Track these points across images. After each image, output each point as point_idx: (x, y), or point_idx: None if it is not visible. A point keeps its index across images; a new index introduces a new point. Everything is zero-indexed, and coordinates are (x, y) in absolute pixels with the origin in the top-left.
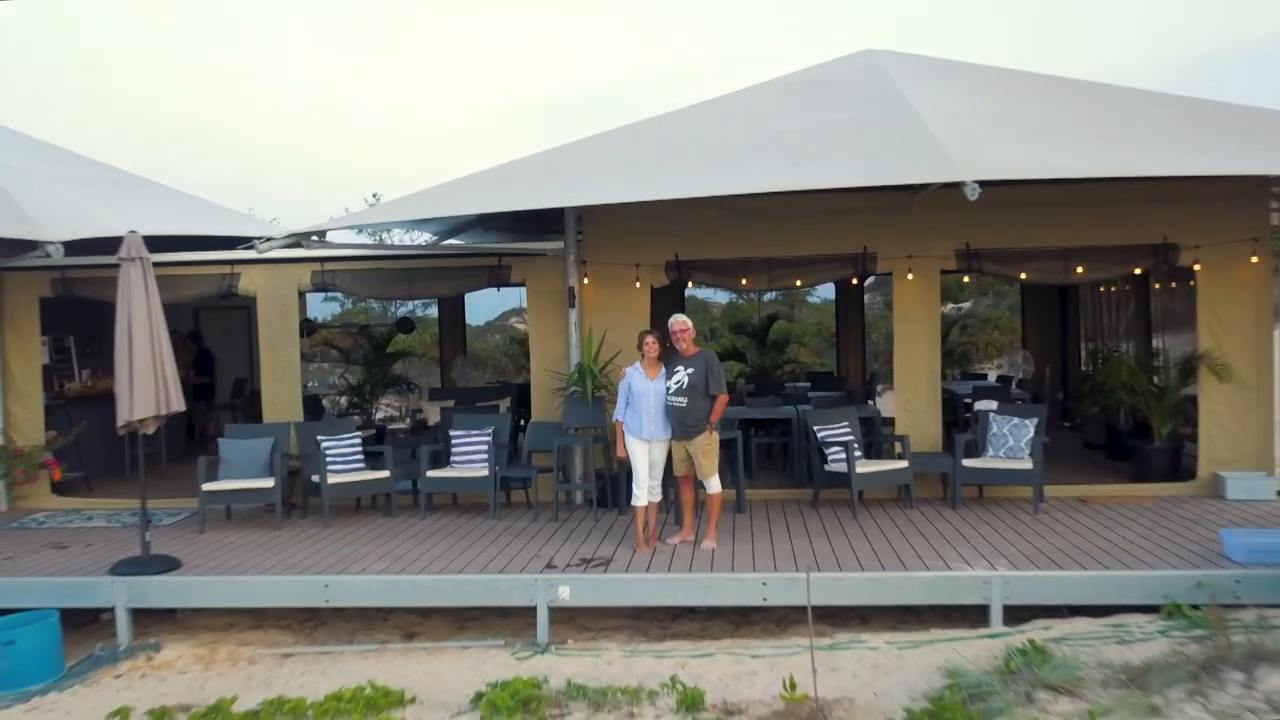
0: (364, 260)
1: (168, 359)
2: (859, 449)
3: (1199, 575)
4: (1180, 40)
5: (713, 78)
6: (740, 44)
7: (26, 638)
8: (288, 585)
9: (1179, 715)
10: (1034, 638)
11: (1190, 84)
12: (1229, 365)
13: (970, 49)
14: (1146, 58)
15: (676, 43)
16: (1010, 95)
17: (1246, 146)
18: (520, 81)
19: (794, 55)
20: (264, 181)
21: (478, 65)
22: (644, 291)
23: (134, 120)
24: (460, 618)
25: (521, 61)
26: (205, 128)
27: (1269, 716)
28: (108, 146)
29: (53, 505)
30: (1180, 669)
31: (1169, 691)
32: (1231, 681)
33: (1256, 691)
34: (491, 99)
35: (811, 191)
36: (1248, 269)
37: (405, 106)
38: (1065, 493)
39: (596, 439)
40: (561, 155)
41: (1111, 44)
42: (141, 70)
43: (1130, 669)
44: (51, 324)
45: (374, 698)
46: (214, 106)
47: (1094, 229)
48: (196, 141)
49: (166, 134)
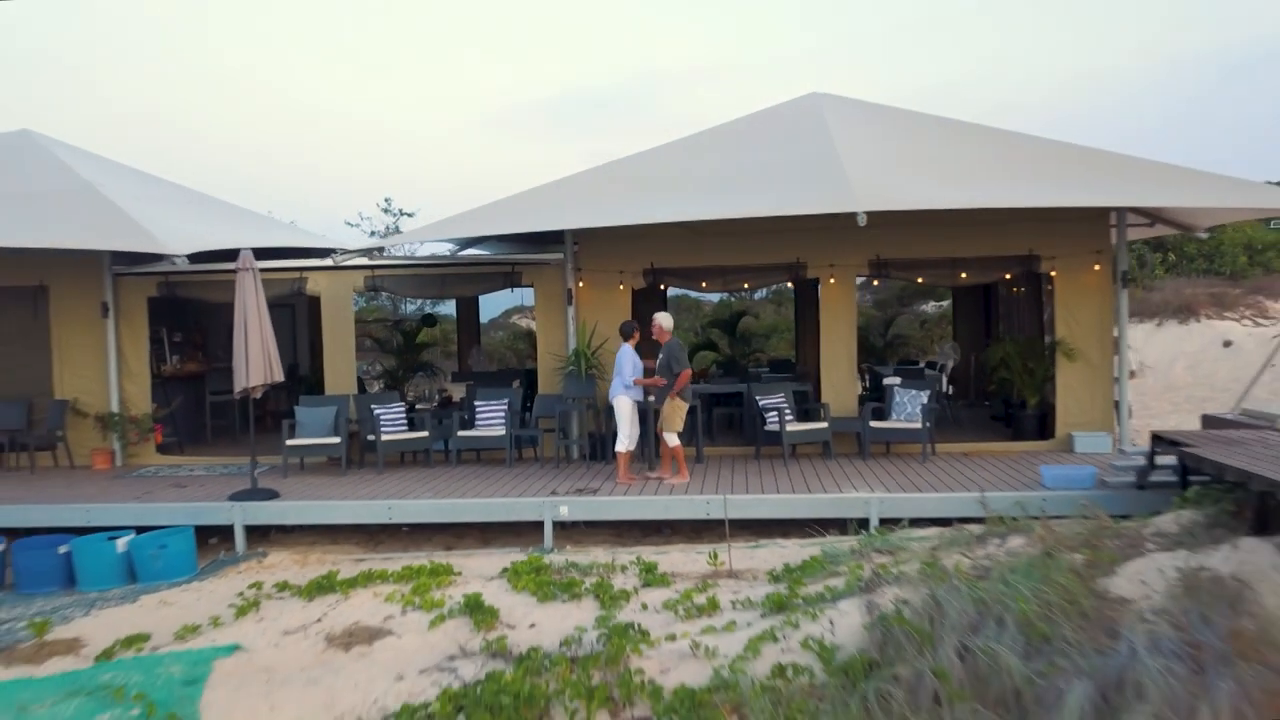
0: (406, 268)
1: (271, 343)
2: (791, 414)
3: (1017, 496)
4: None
5: (712, 77)
6: (740, 43)
7: (174, 544)
8: (361, 507)
9: (952, 558)
10: (883, 532)
11: (1168, 84)
12: (1078, 349)
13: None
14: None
15: (676, 42)
16: (917, 137)
17: (1088, 181)
18: (519, 79)
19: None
20: (265, 180)
21: (477, 63)
22: (626, 292)
23: (131, 118)
24: (486, 536)
25: (521, 59)
26: (204, 127)
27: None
28: (107, 145)
29: (157, 461)
30: (962, 538)
31: (949, 549)
32: (992, 544)
33: (1001, 549)
34: (491, 96)
35: None
36: (1092, 275)
37: (406, 103)
38: (955, 449)
39: (589, 406)
40: (560, 188)
41: (1103, 43)
42: (139, 69)
43: (939, 546)
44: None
45: (435, 569)
46: (212, 105)
47: (975, 243)
48: (198, 140)
49: (166, 132)
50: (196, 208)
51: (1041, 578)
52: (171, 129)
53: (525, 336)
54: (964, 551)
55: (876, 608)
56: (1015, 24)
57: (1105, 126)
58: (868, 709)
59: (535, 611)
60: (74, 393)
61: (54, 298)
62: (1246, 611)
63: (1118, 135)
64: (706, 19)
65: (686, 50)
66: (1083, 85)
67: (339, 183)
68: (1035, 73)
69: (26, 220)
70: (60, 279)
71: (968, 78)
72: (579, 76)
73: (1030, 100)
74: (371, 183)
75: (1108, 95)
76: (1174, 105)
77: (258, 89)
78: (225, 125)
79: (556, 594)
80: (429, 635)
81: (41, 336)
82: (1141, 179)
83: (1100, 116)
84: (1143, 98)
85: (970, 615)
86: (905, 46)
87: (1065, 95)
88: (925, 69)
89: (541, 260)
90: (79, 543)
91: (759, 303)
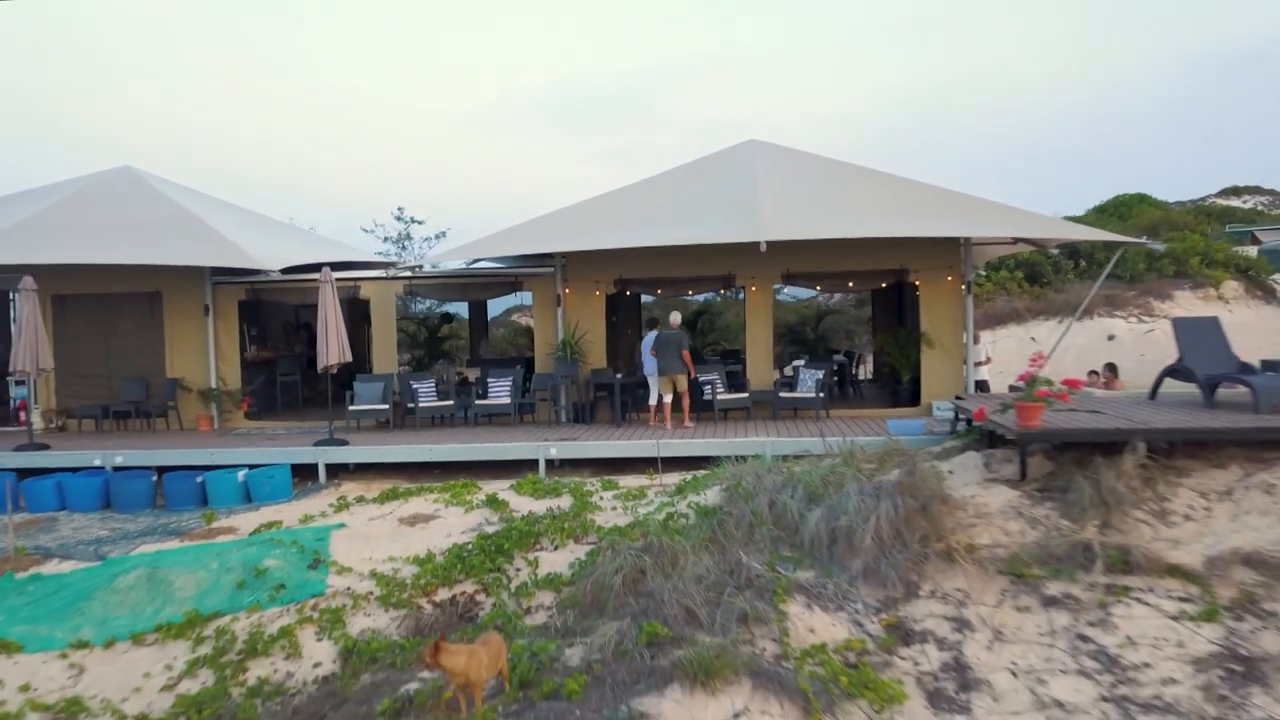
0: (437, 277)
1: (343, 334)
2: (722, 388)
3: (867, 440)
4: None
5: (712, 74)
6: (740, 40)
7: (278, 475)
8: (408, 450)
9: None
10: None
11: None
12: (937, 340)
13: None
14: None
15: (675, 41)
16: (823, 179)
17: (941, 216)
18: (519, 71)
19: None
20: (266, 178)
21: (476, 57)
22: (601, 297)
23: (133, 114)
24: (496, 473)
25: (519, 52)
26: (205, 126)
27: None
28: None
29: (246, 425)
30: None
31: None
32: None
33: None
34: (490, 89)
35: None
36: (947, 284)
37: (406, 96)
38: (847, 414)
39: (572, 382)
40: (552, 219)
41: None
42: (140, 64)
43: (787, 461)
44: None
45: (464, 485)
46: (213, 102)
47: (861, 260)
48: (197, 139)
49: (170, 130)
50: (269, 229)
51: (828, 470)
52: (172, 125)
53: (524, 331)
54: (797, 463)
55: (731, 487)
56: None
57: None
58: (713, 529)
59: (533, 503)
60: (181, 373)
61: (166, 301)
62: (918, 475)
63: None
64: (708, 17)
65: (686, 49)
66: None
67: (350, 185)
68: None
69: (145, 242)
70: (171, 286)
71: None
72: (578, 67)
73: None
74: (372, 175)
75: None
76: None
77: (255, 87)
78: (223, 123)
79: (546, 495)
80: (465, 517)
81: (157, 330)
82: (975, 215)
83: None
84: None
85: (778, 485)
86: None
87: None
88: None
89: (537, 272)
90: (211, 475)
91: (736, 303)
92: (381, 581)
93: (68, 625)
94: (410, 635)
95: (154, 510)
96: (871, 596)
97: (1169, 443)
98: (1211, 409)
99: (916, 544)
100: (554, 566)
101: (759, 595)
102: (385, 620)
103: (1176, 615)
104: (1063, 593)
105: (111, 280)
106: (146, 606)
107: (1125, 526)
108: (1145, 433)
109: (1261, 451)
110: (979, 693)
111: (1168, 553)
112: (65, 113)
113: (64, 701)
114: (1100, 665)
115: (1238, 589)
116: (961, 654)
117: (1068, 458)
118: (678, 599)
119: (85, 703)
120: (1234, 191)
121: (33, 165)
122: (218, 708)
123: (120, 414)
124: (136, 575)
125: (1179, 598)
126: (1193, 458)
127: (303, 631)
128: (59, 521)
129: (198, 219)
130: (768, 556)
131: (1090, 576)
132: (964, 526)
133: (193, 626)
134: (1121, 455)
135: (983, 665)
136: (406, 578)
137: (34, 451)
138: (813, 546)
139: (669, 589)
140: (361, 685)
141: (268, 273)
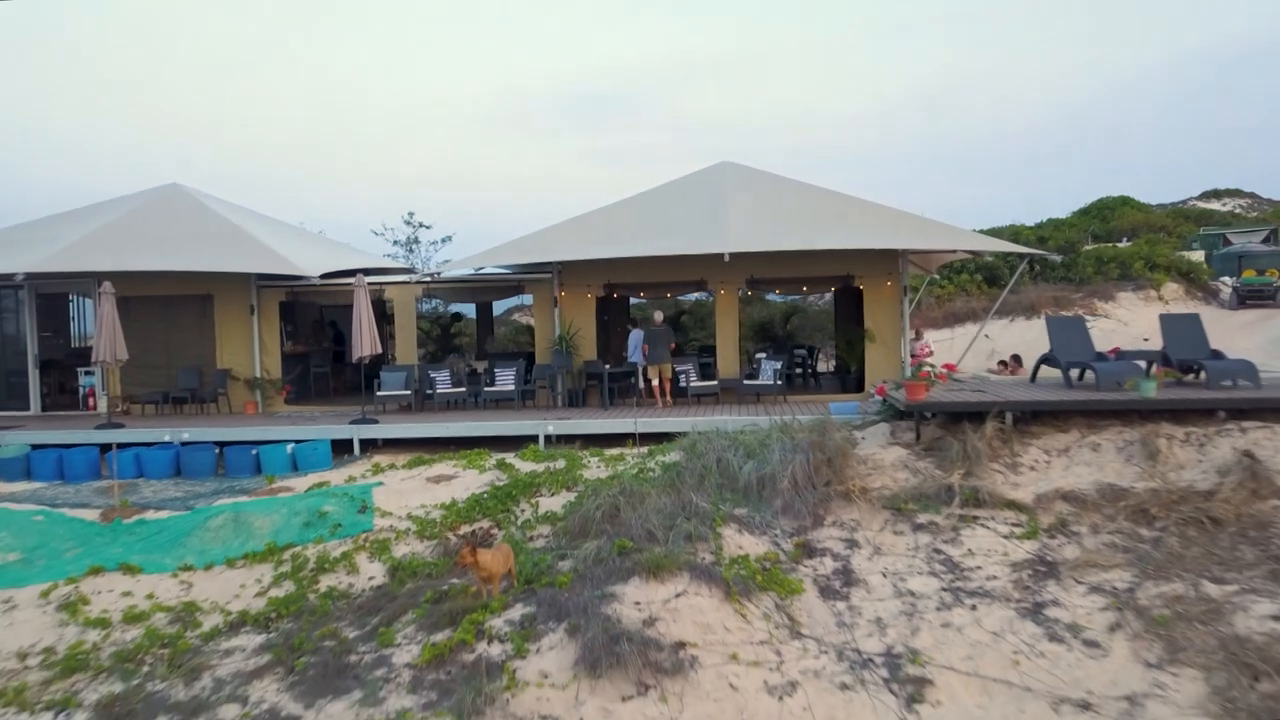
0: (451, 282)
1: (374, 330)
2: (695, 376)
3: (803, 418)
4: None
5: (712, 71)
6: (739, 38)
7: (320, 448)
8: (430, 427)
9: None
10: None
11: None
12: (879, 335)
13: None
14: None
15: (673, 40)
16: (784, 197)
17: (881, 230)
18: (520, 72)
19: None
20: (268, 176)
21: (477, 57)
22: (592, 300)
23: (134, 115)
24: (505, 446)
25: (520, 53)
26: (205, 127)
27: None
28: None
29: (286, 410)
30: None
31: (742, 433)
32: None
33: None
34: (493, 89)
35: None
36: (887, 289)
37: (409, 96)
38: (802, 399)
39: (568, 372)
40: (549, 233)
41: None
42: (138, 61)
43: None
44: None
45: (477, 454)
46: (212, 103)
47: (815, 267)
48: (197, 139)
49: (170, 130)
50: (304, 239)
51: (764, 436)
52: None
53: (524, 329)
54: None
55: (688, 448)
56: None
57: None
58: (673, 479)
59: (534, 466)
60: (230, 364)
61: (217, 303)
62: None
63: None
64: (705, 17)
65: (684, 47)
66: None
67: (350, 186)
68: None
69: (198, 252)
70: (221, 290)
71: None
72: (578, 67)
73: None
74: (374, 175)
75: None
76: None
77: (256, 87)
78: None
79: (544, 460)
80: (480, 476)
81: (208, 328)
82: (909, 230)
83: None
84: None
85: (724, 447)
86: (911, 33)
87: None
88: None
89: (537, 278)
90: (263, 448)
91: None
92: (416, 521)
93: (173, 555)
94: (441, 557)
95: (216, 477)
96: (788, 525)
97: (1030, 413)
98: (1069, 389)
99: (823, 487)
100: (551, 507)
101: (703, 522)
102: (421, 547)
103: (1007, 535)
104: (928, 520)
105: (169, 284)
106: (233, 540)
107: (983, 475)
108: (1005, 405)
109: (1097, 420)
110: (857, 588)
111: (1010, 492)
112: (66, 113)
113: (182, 604)
114: (945, 569)
115: (1055, 517)
116: (849, 564)
117: (954, 427)
118: (642, 524)
119: (199, 604)
120: (1214, 194)
121: (33, 165)
122: (299, 606)
123: (178, 399)
124: (224, 518)
125: (1011, 524)
126: (1046, 425)
127: (359, 555)
128: (139, 486)
129: (244, 232)
130: (712, 497)
131: (949, 509)
132: (862, 475)
133: (272, 554)
134: (985, 422)
135: (863, 570)
136: (436, 518)
137: (112, 430)
138: (746, 491)
139: (636, 518)
140: (406, 590)
141: (307, 278)
